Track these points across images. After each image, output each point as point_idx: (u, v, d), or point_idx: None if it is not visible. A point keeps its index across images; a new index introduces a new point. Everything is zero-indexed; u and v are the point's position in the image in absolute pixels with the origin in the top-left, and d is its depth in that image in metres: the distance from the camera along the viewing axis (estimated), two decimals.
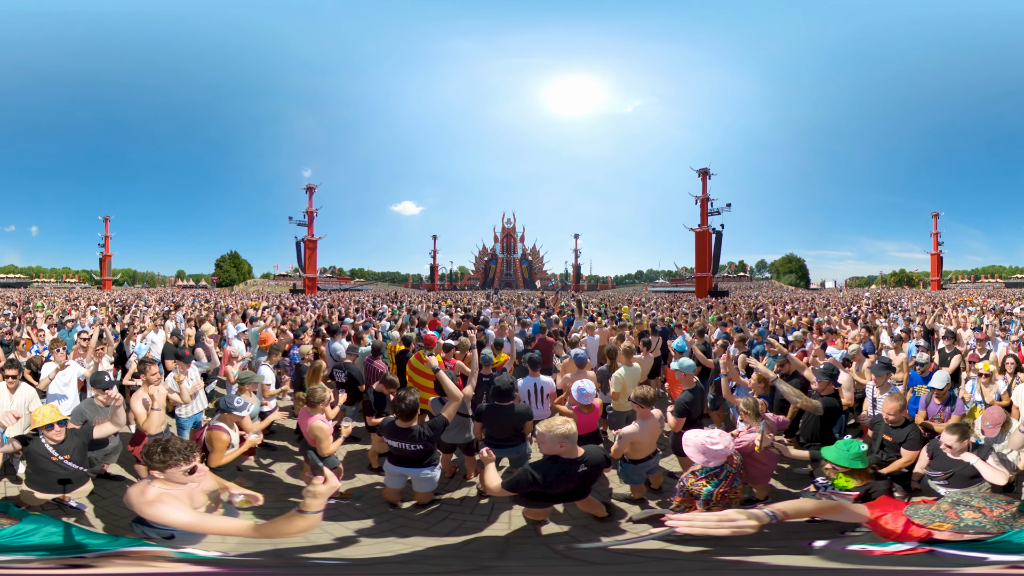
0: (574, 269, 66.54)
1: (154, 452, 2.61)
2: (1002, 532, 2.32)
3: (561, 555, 3.87)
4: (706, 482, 3.79)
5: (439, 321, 10.92)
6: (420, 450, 4.36)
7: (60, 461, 4.02)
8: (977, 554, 2.30)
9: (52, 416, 4.05)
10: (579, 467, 3.71)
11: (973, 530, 2.38)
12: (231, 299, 26.03)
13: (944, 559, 2.36)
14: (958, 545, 2.37)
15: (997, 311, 16.52)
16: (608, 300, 27.29)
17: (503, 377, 4.95)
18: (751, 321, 12.80)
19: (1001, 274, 61.05)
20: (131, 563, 2.32)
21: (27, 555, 2.26)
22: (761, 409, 4.57)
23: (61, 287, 55.77)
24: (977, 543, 2.34)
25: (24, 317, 13.29)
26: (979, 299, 24.35)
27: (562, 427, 3.62)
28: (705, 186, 50.36)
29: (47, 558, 2.27)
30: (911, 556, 2.41)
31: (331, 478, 2.10)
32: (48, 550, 2.29)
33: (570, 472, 3.70)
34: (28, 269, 63.95)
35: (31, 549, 2.28)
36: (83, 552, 2.33)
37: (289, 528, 2.07)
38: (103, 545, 2.43)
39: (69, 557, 2.31)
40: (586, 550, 3.51)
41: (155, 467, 2.58)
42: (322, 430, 4.46)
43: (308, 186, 56.24)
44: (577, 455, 3.72)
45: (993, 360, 6.93)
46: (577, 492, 3.95)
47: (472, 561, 3.56)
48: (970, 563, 2.30)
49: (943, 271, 59.17)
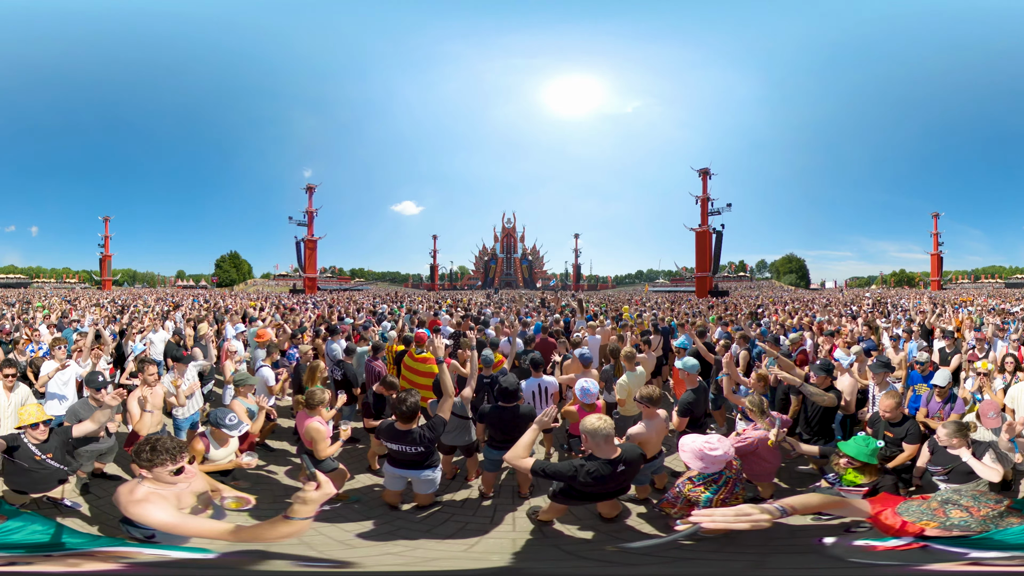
0: (574, 269, 66.54)
1: (143, 450, 2.60)
2: (986, 531, 2.35)
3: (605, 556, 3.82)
4: (704, 488, 3.71)
5: (439, 321, 10.89)
6: (421, 452, 4.31)
7: (43, 460, 4.01)
8: (961, 550, 2.34)
9: (37, 415, 4.03)
10: (618, 466, 3.63)
11: (959, 529, 2.42)
12: (231, 299, 26.00)
13: (935, 555, 2.39)
14: (946, 541, 2.42)
15: (997, 311, 16.51)
16: (608, 300, 27.26)
17: (509, 377, 4.88)
18: (752, 321, 12.78)
19: (1001, 274, 61.07)
20: (104, 562, 2.29)
21: (6, 553, 2.25)
22: (766, 407, 4.57)
23: (61, 287, 55.78)
24: (962, 539, 2.38)
25: (21, 317, 13.27)
26: (979, 299, 24.33)
27: (606, 426, 3.56)
28: (705, 186, 50.38)
29: (25, 555, 2.25)
30: (906, 551, 2.46)
31: (325, 484, 2.00)
32: (27, 548, 2.27)
33: (610, 473, 3.62)
34: (28, 269, 63.99)
35: (11, 547, 2.27)
36: (61, 551, 2.31)
37: (271, 533, 1.98)
38: (81, 544, 2.42)
39: (46, 555, 2.29)
40: (636, 548, 3.46)
41: (143, 465, 2.57)
42: (319, 432, 4.39)
43: (308, 186, 56.32)
44: (614, 455, 3.65)
45: (992, 360, 6.92)
46: (613, 492, 3.90)
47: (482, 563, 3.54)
48: (955, 559, 2.33)
49: (943, 271, 59.18)
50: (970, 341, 8.35)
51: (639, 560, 2.78)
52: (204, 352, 7.58)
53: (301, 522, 1.97)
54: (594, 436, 3.57)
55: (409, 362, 6.27)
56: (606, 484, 3.65)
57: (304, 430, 4.45)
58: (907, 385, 6.25)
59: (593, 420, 3.60)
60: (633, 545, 3.54)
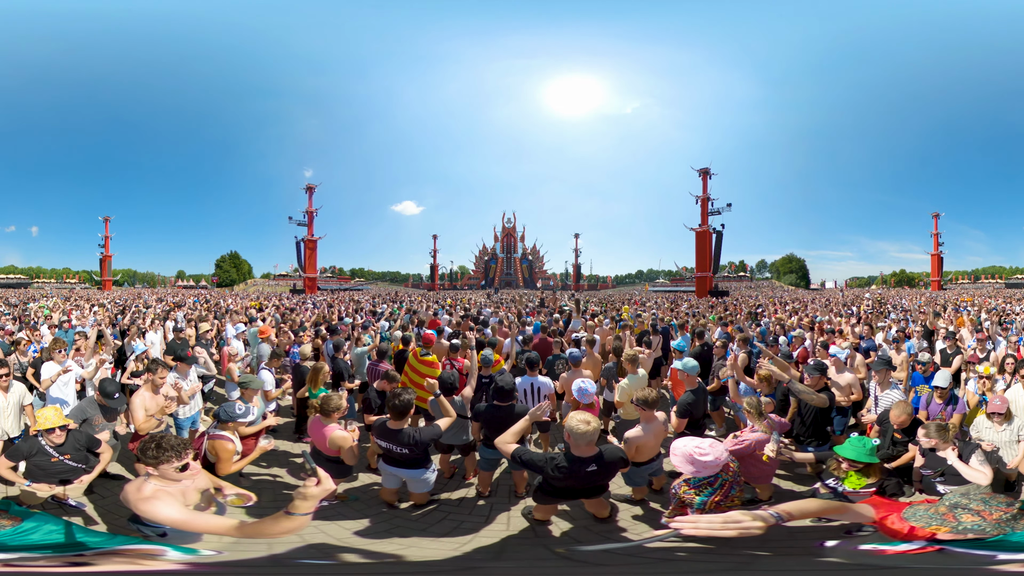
0: (574, 269, 66.51)
1: (148, 448, 2.62)
2: (1003, 534, 2.31)
3: (560, 557, 3.84)
4: (697, 492, 3.67)
5: (439, 321, 10.90)
6: (406, 454, 4.32)
7: (60, 460, 4.13)
8: (986, 552, 2.28)
9: (55, 420, 4.14)
10: (588, 465, 3.66)
11: (973, 533, 2.37)
12: (231, 299, 26.00)
13: (956, 558, 2.33)
14: (963, 544, 2.36)
15: (997, 311, 16.51)
16: (608, 300, 27.25)
17: (505, 377, 4.89)
18: (751, 321, 12.79)
19: (1001, 274, 61.02)
20: (127, 561, 2.31)
21: (28, 554, 2.26)
22: (765, 409, 4.56)
23: (61, 287, 55.76)
24: (979, 542, 2.33)
25: (22, 318, 13.28)
26: (979, 299, 24.32)
27: (590, 432, 3.58)
28: (706, 186, 50.34)
29: (48, 556, 2.27)
30: (923, 555, 2.39)
31: (325, 480, 2.05)
32: (48, 548, 2.29)
33: (576, 470, 3.67)
34: (28, 270, 63.98)
35: (32, 548, 2.29)
36: (82, 550, 2.33)
37: (274, 528, 2.03)
38: (101, 543, 2.44)
39: (69, 555, 2.30)
40: (587, 552, 3.47)
41: (149, 462, 2.60)
42: (345, 440, 4.31)
43: (308, 186, 56.25)
44: (588, 454, 3.67)
45: (993, 360, 6.93)
46: (584, 491, 3.93)
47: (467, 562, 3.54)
48: (981, 562, 2.28)
49: (943, 271, 59.10)
50: (970, 341, 8.36)
51: (629, 560, 2.78)
52: (206, 352, 7.58)
53: (302, 517, 2.01)
54: (574, 436, 3.61)
55: (414, 363, 6.24)
56: (571, 480, 3.72)
57: (328, 441, 4.33)
58: (909, 386, 6.27)
59: (579, 423, 3.59)
60: (585, 548, 3.60)
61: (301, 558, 2.48)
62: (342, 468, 4.39)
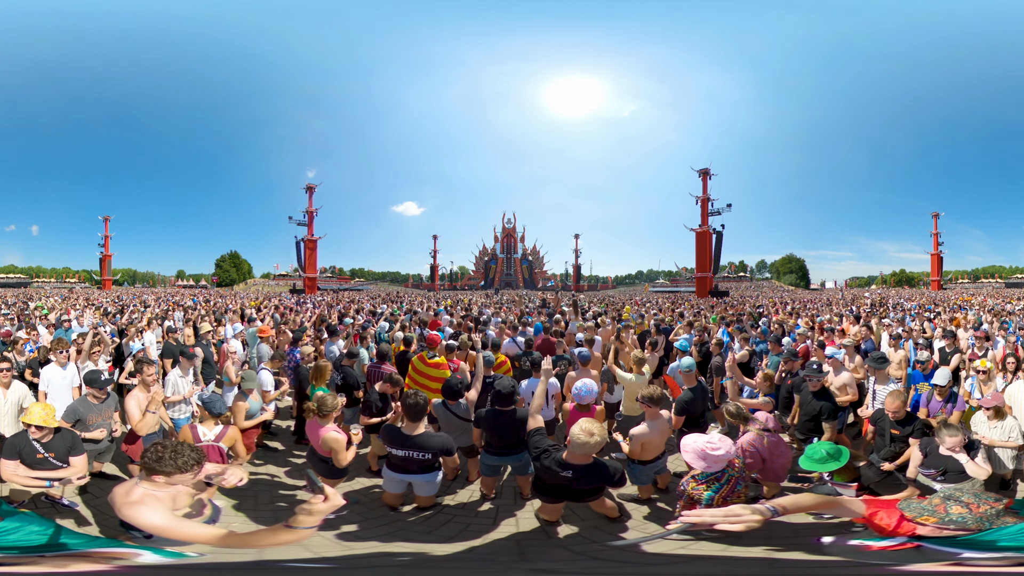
0: (574, 269, 66.47)
1: (164, 457, 2.42)
2: (981, 529, 2.33)
3: (581, 555, 3.84)
4: (706, 487, 3.72)
5: (440, 321, 10.86)
6: (428, 459, 4.26)
7: (46, 458, 4.06)
8: (953, 550, 2.33)
9: (44, 419, 4.06)
10: (567, 471, 3.70)
11: (955, 525, 2.39)
12: (231, 299, 25.97)
13: (927, 555, 2.37)
14: (939, 541, 2.40)
15: (997, 311, 16.50)
16: (608, 300, 27.24)
17: (504, 380, 4.70)
18: (752, 321, 12.75)
19: (1001, 274, 61.06)
20: (101, 563, 2.26)
21: (4, 554, 2.22)
22: (746, 412, 4.68)
23: (61, 287, 55.72)
24: (955, 540, 2.37)
25: (21, 317, 13.25)
26: (978, 299, 24.31)
27: (593, 444, 3.59)
28: (705, 186, 50.35)
29: (23, 557, 2.22)
30: (899, 551, 2.44)
31: (332, 496, 1.97)
32: (24, 550, 2.24)
33: (555, 472, 3.74)
34: (28, 269, 63.95)
35: (9, 549, 2.24)
36: (62, 552, 2.28)
37: (270, 540, 1.96)
38: (80, 545, 2.38)
39: (45, 556, 2.26)
40: (617, 548, 3.48)
41: (162, 472, 2.41)
42: (337, 441, 4.25)
43: (308, 186, 56.29)
44: (580, 462, 3.69)
45: (992, 359, 6.91)
46: (564, 493, 3.96)
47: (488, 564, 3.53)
48: (947, 558, 2.32)
49: (943, 271, 59.12)
50: (970, 340, 8.35)
51: (655, 560, 2.77)
52: (205, 352, 7.55)
53: (304, 530, 1.95)
54: (573, 443, 3.62)
55: (419, 365, 6.15)
56: (547, 477, 3.82)
57: (321, 441, 4.29)
58: (908, 384, 6.27)
59: (583, 434, 3.58)
60: (614, 544, 3.69)
61: (289, 560, 2.43)
62: (334, 468, 4.35)
